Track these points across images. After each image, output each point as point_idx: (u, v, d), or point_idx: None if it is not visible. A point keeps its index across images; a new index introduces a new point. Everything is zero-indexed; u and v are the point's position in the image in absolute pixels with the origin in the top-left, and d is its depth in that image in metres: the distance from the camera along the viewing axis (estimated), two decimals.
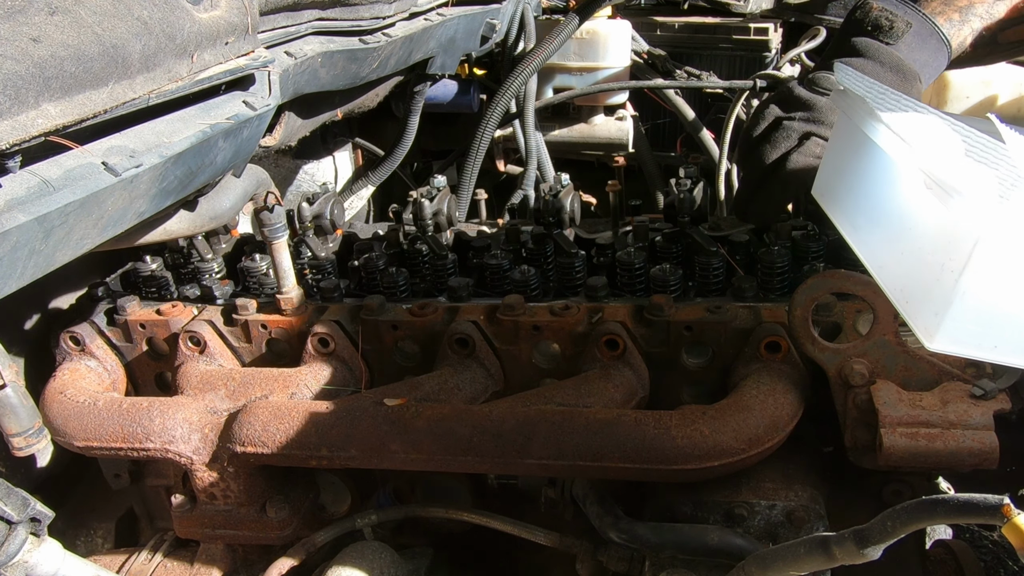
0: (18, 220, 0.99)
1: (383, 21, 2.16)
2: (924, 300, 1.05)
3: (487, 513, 1.64)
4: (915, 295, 1.09)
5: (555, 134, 3.61)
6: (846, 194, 1.36)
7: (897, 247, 1.16)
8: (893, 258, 1.17)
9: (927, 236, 1.07)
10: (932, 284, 1.03)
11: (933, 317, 1.02)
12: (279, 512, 1.62)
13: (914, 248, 1.11)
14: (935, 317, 1.01)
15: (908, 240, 1.13)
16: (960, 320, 1.00)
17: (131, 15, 1.19)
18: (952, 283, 0.98)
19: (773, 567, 1.17)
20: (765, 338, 1.50)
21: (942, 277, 1.00)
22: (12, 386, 1.30)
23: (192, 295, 1.86)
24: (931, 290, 1.03)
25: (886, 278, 1.18)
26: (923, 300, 1.06)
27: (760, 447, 1.38)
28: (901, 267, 1.14)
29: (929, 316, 1.03)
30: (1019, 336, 1.02)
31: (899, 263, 1.15)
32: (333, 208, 1.97)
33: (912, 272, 1.10)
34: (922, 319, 1.05)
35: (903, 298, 1.12)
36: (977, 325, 1.00)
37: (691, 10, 3.77)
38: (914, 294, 1.09)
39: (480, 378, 1.63)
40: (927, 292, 1.04)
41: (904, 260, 1.14)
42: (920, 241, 1.09)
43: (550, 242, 1.84)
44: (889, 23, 1.62)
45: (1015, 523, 0.88)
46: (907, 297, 1.11)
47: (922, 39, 1.62)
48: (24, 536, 1.16)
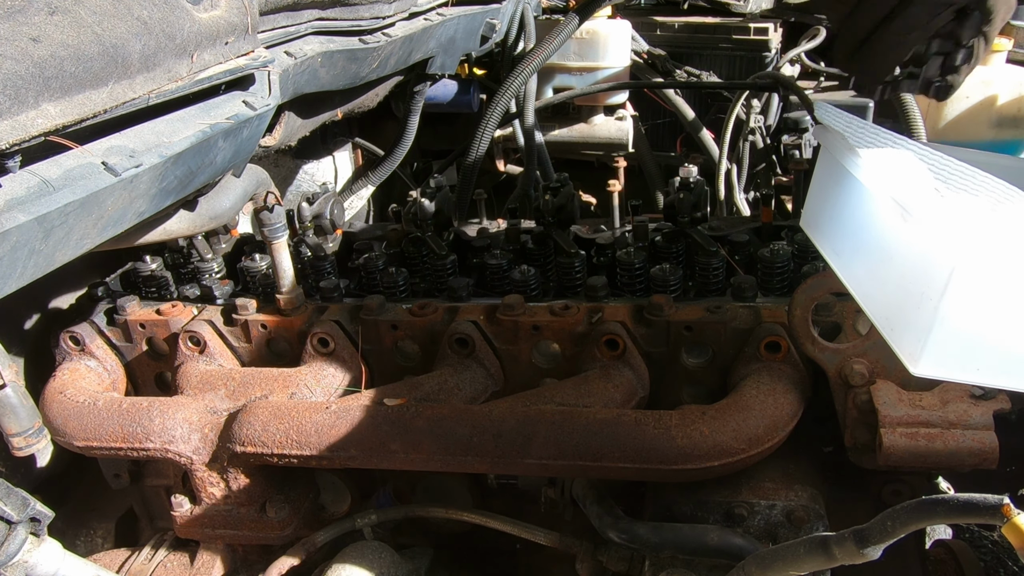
0: (18, 220, 0.99)
1: (383, 21, 2.16)
2: (906, 327, 1.09)
3: (487, 513, 1.64)
4: (898, 322, 1.12)
5: (555, 134, 3.62)
6: (829, 224, 1.39)
7: (879, 276, 1.20)
8: (876, 287, 1.21)
9: (906, 265, 1.10)
10: (913, 311, 1.06)
11: (916, 343, 1.06)
12: (279, 512, 1.62)
13: (895, 277, 1.14)
14: (917, 343, 1.05)
15: (889, 269, 1.16)
16: (941, 345, 1.03)
17: (131, 15, 1.19)
18: (931, 310, 1.02)
19: (773, 567, 1.17)
20: (765, 338, 1.50)
21: (922, 304, 1.04)
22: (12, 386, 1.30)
23: (192, 295, 1.86)
24: (912, 317, 1.07)
25: (871, 306, 1.22)
26: (905, 327, 1.09)
27: (760, 447, 1.38)
28: (884, 295, 1.18)
29: (912, 342, 1.07)
30: (999, 358, 1.05)
31: (882, 291, 1.18)
32: (333, 208, 1.97)
33: (894, 300, 1.14)
34: (906, 345, 1.09)
35: (887, 325, 1.16)
36: (958, 349, 1.04)
37: (691, 10, 3.77)
38: (897, 321, 1.13)
39: (480, 378, 1.63)
40: (908, 319, 1.08)
41: (886, 288, 1.17)
42: (900, 270, 1.12)
43: (550, 242, 1.84)
44: None
45: (1015, 523, 0.88)
46: (891, 324, 1.14)
47: None
48: (24, 536, 1.16)
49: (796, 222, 1.85)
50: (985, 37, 1.51)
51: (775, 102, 3.51)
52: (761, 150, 3.49)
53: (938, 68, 1.56)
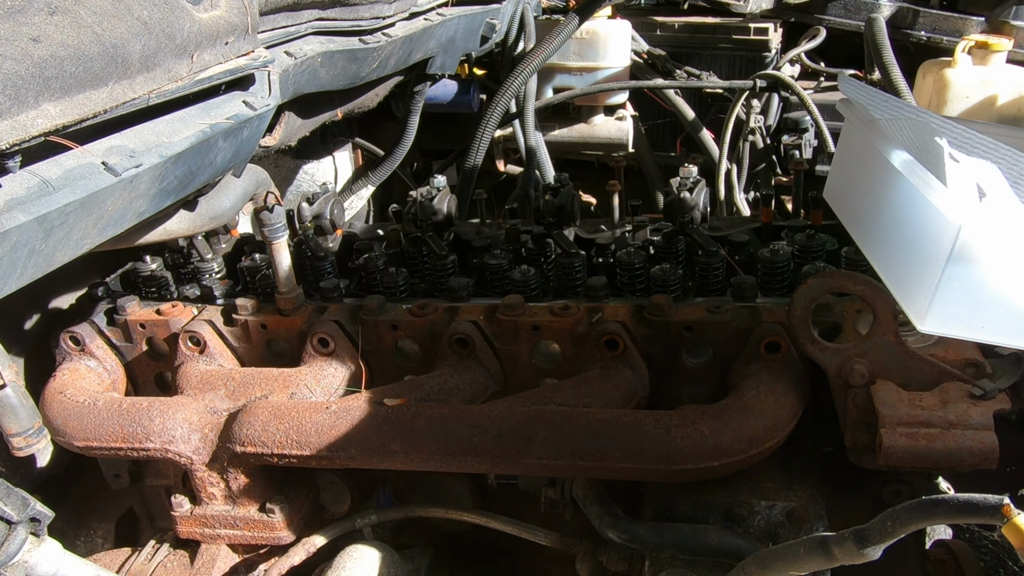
0: (18, 220, 0.99)
1: (383, 21, 2.16)
2: (915, 286, 1.15)
3: (487, 513, 1.64)
4: (907, 282, 1.18)
5: (555, 134, 3.62)
6: (851, 195, 1.44)
7: (893, 239, 1.25)
8: (890, 250, 1.26)
9: (917, 228, 1.15)
10: (921, 271, 1.12)
11: (923, 301, 1.11)
12: (279, 512, 1.62)
13: (907, 240, 1.20)
14: (924, 301, 1.11)
15: (902, 233, 1.22)
16: (947, 303, 1.09)
17: (131, 15, 1.19)
18: (938, 269, 1.07)
19: (773, 567, 1.17)
20: (765, 338, 1.50)
21: (929, 265, 1.09)
22: (12, 386, 1.31)
23: (192, 295, 1.86)
24: (920, 277, 1.12)
25: (884, 268, 1.27)
26: (914, 286, 1.15)
27: (760, 447, 1.38)
28: (896, 258, 1.24)
29: (920, 300, 1.12)
30: (1003, 318, 1.10)
31: (894, 254, 1.24)
32: (333, 208, 1.97)
33: (905, 261, 1.20)
34: (914, 304, 1.14)
35: (898, 285, 1.21)
36: (963, 308, 1.09)
37: (691, 10, 3.77)
38: (906, 281, 1.18)
39: (480, 378, 1.63)
40: (917, 278, 1.14)
41: (899, 251, 1.23)
42: (912, 233, 1.18)
43: (550, 242, 1.84)
44: None
45: (1015, 523, 0.88)
46: (901, 284, 1.20)
47: None
48: (24, 536, 1.16)
49: (796, 222, 1.85)
50: None
51: (775, 102, 3.51)
52: (761, 150, 3.49)
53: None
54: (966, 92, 2.97)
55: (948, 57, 3.00)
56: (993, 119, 2.99)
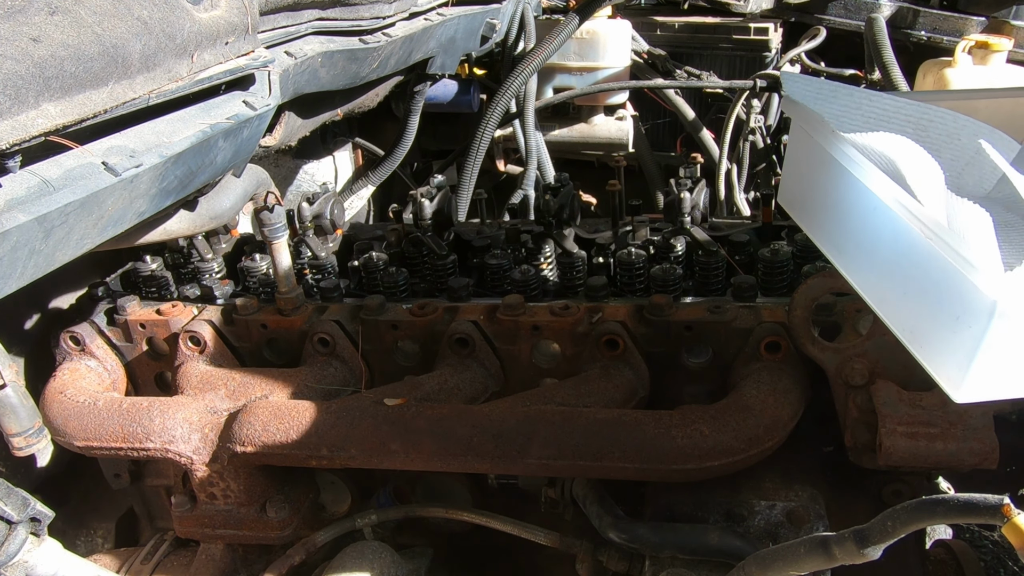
0: (18, 220, 0.99)
1: (383, 21, 2.16)
2: (942, 351, 1.01)
3: (487, 513, 1.63)
4: (929, 342, 1.04)
5: (555, 134, 3.62)
6: (821, 212, 1.30)
7: (897, 285, 1.11)
8: (895, 296, 1.12)
9: (934, 284, 1.01)
10: (948, 336, 0.99)
11: (957, 371, 0.98)
12: (279, 512, 1.62)
13: (916, 289, 1.06)
14: (959, 371, 0.98)
15: (911, 282, 1.07)
16: (986, 371, 0.97)
17: (131, 15, 1.19)
18: (972, 340, 0.95)
19: (773, 567, 1.17)
20: (765, 338, 1.50)
21: (958, 330, 0.96)
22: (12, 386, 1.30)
23: (192, 295, 1.86)
24: (948, 342, 0.99)
25: (889, 314, 1.14)
26: (940, 351, 1.01)
27: (760, 447, 1.38)
28: (905, 306, 1.09)
29: (952, 369, 0.99)
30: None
31: (903, 302, 1.10)
32: (333, 208, 1.97)
33: (920, 316, 1.06)
34: (945, 371, 1.01)
35: (914, 340, 1.08)
36: (1003, 371, 0.97)
37: (691, 10, 3.77)
38: (927, 340, 1.04)
39: (480, 378, 1.63)
40: (943, 343, 1.00)
41: (909, 301, 1.08)
42: (925, 286, 1.03)
43: (550, 242, 1.84)
44: None
45: (1015, 523, 0.88)
46: (920, 342, 1.06)
47: None
48: (24, 536, 1.16)
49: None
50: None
51: (775, 102, 3.51)
52: (761, 150, 3.49)
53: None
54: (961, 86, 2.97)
55: (948, 57, 3.00)
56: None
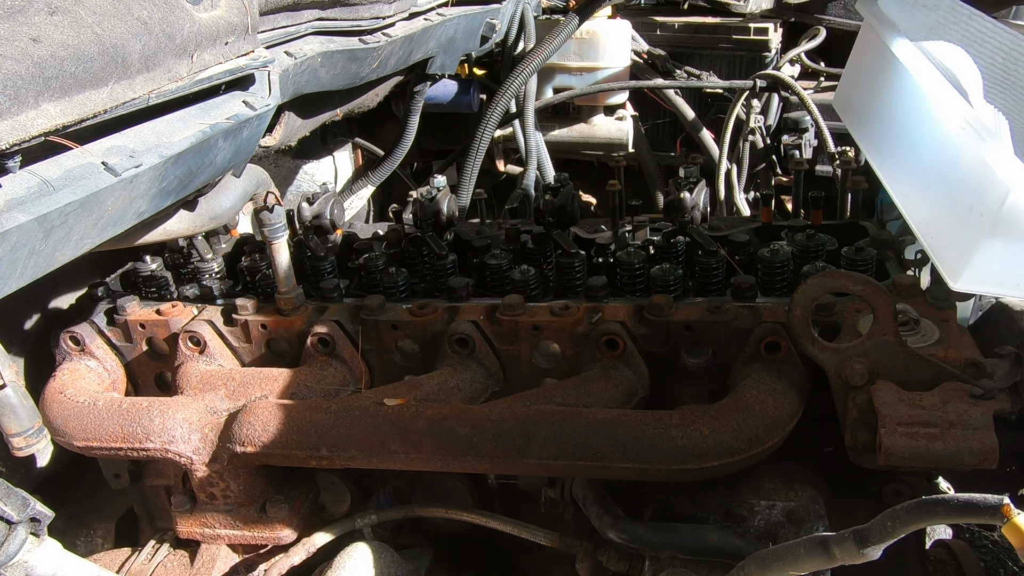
0: (18, 220, 0.99)
1: (383, 21, 2.16)
2: (951, 240, 1.06)
3: (487, 513, 1.64)
4: (941, 233, 1.09)
5: (555, 134, 3.62)
6: (871, 114, 1.34)
7: (925, 181, 1.16)
8: (920, 192, 1.17)
9: (958, 176, 1.06)
10: (960, 225, 1.03)
11: (959, 258, 1.04)
12: (279, 512, 1.62)
13: (943, 185, 1.10)
14: (961, 258, 1.03)
15: (937, 176, 1.12)
16: (985, 261, 1.01)
17: (131, 15, 1.19)
18: (981, 227, 0.99)
19: (773, 567, 1.17)
20: (765, 338, 1.50)
21: (970, 219, 1.01)
22: (12, 386, 1.31)
23: (192, 295, 1.86)
24: (958, 231, 1.04)
25: (912, 211, 1.18)
26: (950, 240, 1.06)
27: (760, 447, 1.38)
28: (928, 202, 1.15)
29: (955, 257, 1.05)
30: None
31: (926, 198, 1.15)
32: (333, 208, 1.97)
33: (940, 209, 1.10)
34: (948, 259, 1.06)
35: (928, 233, 1.13)
36: (1001, 265, 1.02)
37: (691, 10, 3.77)
38: (940, 232, 1.10)
39: (480, 378, 1.63)
40: (954, 232, 1.05)
41: (932, 196, 1.13)
42: (950, 179, 1.08)
43: (550, 242, 1.84)
44: None
45: (1015, 523, 0.88)
46: (933, 233, 1.11)
47: None
48: (24, 536, 1.16)
49: (796, 222, 1.85)
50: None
51: (775, 102, 3.51)
52: (761, 150, 3.49)
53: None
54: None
55: None
56: None
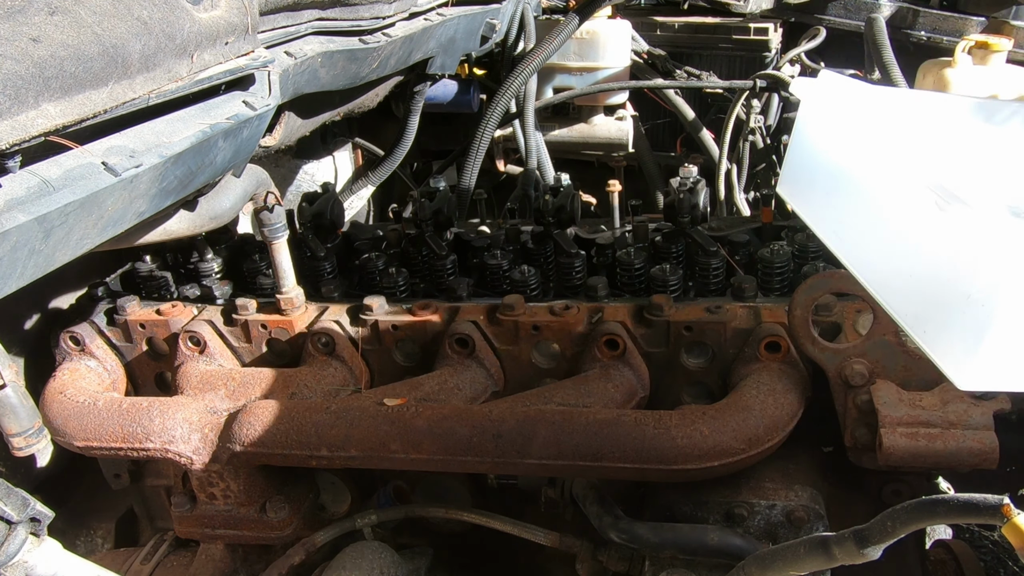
0: (18, 220, 0.99)
1: (383, 21, 2.15)
2: (948, 335, 0.96)
3: (487, 513, 1.63)
4: (936, 328, 0.98)
5: (555, 134, 3.61)
6: (823, 197, 1.26)
7: (901, 268, 1.06)
8: (898, 280, 1.07)
9: (941, 260, 0.97)
10: (956, 317, 0.93)
11: (963, 355, 0.93)
12: (279, 512, 1.62)
13: (924, 271, 1.00)
14: (965, 355, 0.93)
15: (915, 261, 1.03)
16: (992, 357, 0.91)
17: (131, 15, 1.19)
18: (983, 319, 0.89)
19: (773, 567, 1.17)
20: (765, 338, 1.50)
21: (968, 310, 0.91)
22: (12, 386, 1.30)
23: (192, 295, 1.86)
24: (956, 324, 0.94)
25: (894, 304, 1.08)
26: (947, 334, 0.96)
27: (760, 447, 1.38)
28: (910, 291, 1.04)
29: (957, 353, 0.94)
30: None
31: (907, 286, 1.05)
32: (333, 208, 1.97)
33: (926, 299, 1.00)
34: (949, 356, 0.95)
35: (918, 326, 1.02)
36: (1010, 359, 0.92)
37: (691, 10, 3.77)
38: (933, 325, 0.99)
39: (480, 378, 1.63)
40: (951, 326, 0.95)
41: (913, 284, 1.03)
42: (932, 264, 0.99)
43: (550, 242, 1.84)
44: None
45: (1015, 523, 0.88)
46: (923, 326, 1.00)
47: None
48: (24, 536, 1.16)
49: (796, 222, 1.85)
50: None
51: (775, 102, 3.51)
52: (761, 150, 3.49)
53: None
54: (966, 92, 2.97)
55: (948, 57, 3.00)
56: None
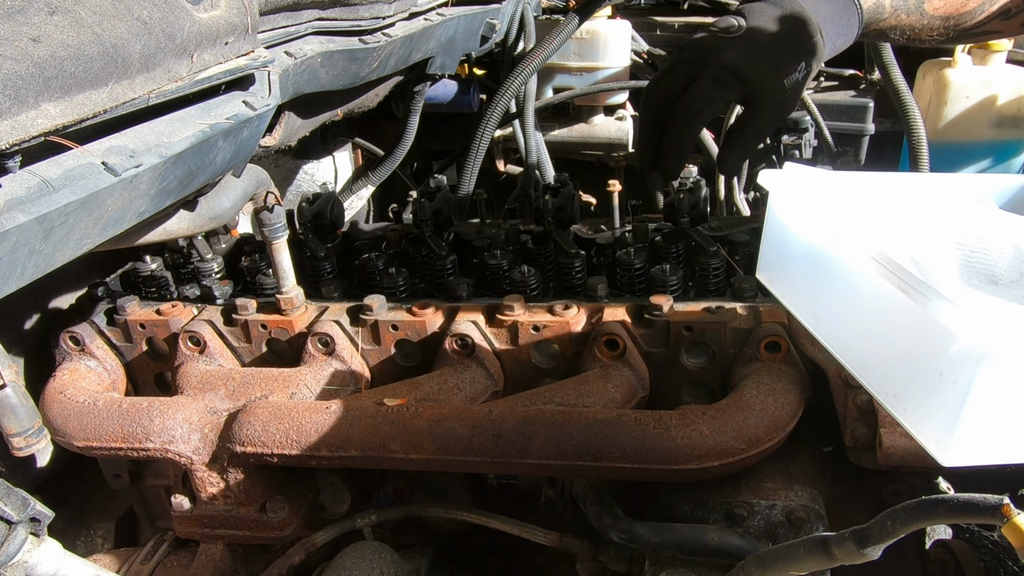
0: (18, 220, 0.99)
1: (383, 21, 2.15)
2: (927, 412, 0.98)
3: (487, 513, 1.63)
4: (913, 405, 1.01)
5: (555, 134, 3.61)
6: (798, 282, 1.27)
7: (876, 347, 1.07)
8: (874, 360, 1.08)
9: (912, 339, 0.98)
10: (932, 395, 0.95)
11: (943, 432, 0.94)
12: (279, 512, 1.62)
13: (897, 350, 1.02)
14: (945, 432, 0.94)
15: (888, 341, 1.04)
16: (972, 431, 0.93)
17: (131, 15, 1.19)
18: (957, 396, 0.91)
19: (773, 567, 1.17)
20: (765, 338, 1.50)
21: (942, 388, 0.92)
22: (12, 386, 1.30)
23: (192, 295, 1.86)
24: (932, 401, 0.95)
25: (871, 380, 1.09)
26: (925, 412, 0.98)
27: (760, 447, 1.38)
28: (887, 370, 1.06)
29: (938, 431, 0.96)
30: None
31: (883, 366, 1.06)
32: (333, 208, 1.97)
33: (902, 378, 1.02)
34: (931, 434, 0.97)
35: (898, 404, 1.03)
36: (991, 432, 0.94)
37: (691, 10, 3.77)
38: (911, 403, 1.01)
39: (480, 378, 1.63)
40: (928, 404, 0.97)
41: (889, 363, 1.05)
42: (904, 343, 1.00)
43: (550, 242, 1.84)
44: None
45: (1015, 523, 0.88)
46: (903, 405, 1.02)
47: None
48: (24, 536, 1.16)
49: None
50: (757, 133, 1.55)
51: None
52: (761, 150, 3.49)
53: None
54: (966, 92, 2.97)
55: (948, 57, 3.00)
56: (993, 119, 2.99)
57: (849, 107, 3.15)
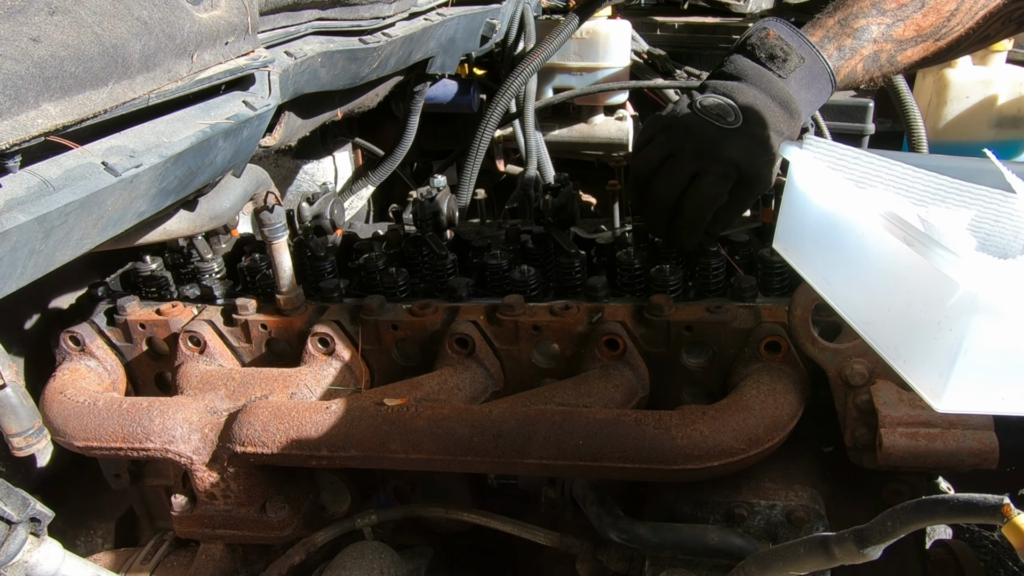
0: (18, 220, 0.99)
1: (383, 21, 2.16)
2: (924, 361, 1.00)
3: (487, 513, 1.63)
4: (912, 354, 1.03)
5: (555, 134, 3.61)
6: (811, 247, 1.30)
7: (881, 303, 1.10)
8: (879, 315, 1.10)
9: (914, 291, 1.00)
10: (930, 343, 0.97)
11: (937, 378, 0.96)
12: (279, 512, 1.62)
13: (900, 304, 1.04)
14: (939, 378, 0.96)
15: (892, 295, 1.06)
16: (966, 378, 0.95)
17: (131, 15, 1.19)
18: (952, 343, 0.93)
19: (773, 567, 1.17)
20: (765, 338, 1.50)
21: (939, 336, 0.94)
22: (12, 386, 1.30)
23: (192, 295, 1.86)
24: (929, 350, 0.98)
25: (875, 336, 1.11)
26: (922, 361, 1.00)
27: (760, 447, 1.38)
28: (889, 324, 1.08)
29: (933, 377, 0.98)
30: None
31: (886, 320, 1.08)
32: (333, 208, 1.97)
33: (903, 330, 1.04)
34: (926, 381, 1.00)
35: (897, 356, 1.06)
36: (983, 381, 0.96)
37: (691, 10, 3.77)
38: (910, 353, 1.03)
39: (480, 378, 1.63)
40: (925, 352, 0.99)
41: (892, 317, 1.07)
42: (906, 296, 1.02)
43: (550, 242, 1.84)
44: (784, 55, 1.60)
45: (1015, 523, 0.88)
46: (903, 356, 1.05)
47: (811, 77, 1.61)
48: (24, 536, 1.16)
49: None
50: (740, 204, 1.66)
51: None
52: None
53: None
54: (966, 92, 2.97)
55: None
56: (993, 119, 2.99)
57: (849, 107, 3.15)
